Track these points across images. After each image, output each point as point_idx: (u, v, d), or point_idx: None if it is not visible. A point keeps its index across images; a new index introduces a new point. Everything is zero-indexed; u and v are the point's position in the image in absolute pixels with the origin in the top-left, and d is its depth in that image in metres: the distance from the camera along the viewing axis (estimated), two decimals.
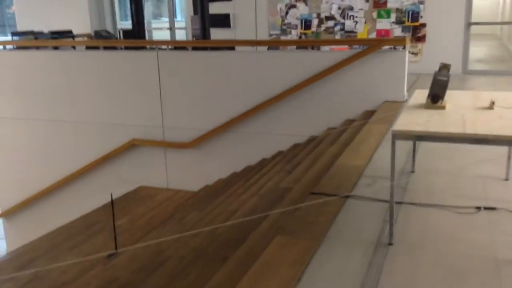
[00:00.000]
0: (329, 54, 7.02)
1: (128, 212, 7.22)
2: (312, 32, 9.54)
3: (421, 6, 8.79)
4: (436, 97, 3.31)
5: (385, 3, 8.95)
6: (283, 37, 9.75)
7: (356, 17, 9.21)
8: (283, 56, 7.42)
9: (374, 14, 9.09)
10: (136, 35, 8.22)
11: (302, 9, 9.52)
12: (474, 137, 2.70)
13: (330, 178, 4.16)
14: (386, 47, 7.09)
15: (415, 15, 8.84)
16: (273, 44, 8.77)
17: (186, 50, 7.73)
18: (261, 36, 9.91)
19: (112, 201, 5.51)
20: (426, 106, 3.34)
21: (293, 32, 9.67)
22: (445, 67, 3.39)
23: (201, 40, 7.84)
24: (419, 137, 2.83)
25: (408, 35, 8.98)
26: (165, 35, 11.03)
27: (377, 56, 6.76)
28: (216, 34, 9.91)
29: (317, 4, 9.40)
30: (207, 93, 7.58)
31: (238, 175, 7.07)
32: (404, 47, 6.83)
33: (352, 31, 9.29)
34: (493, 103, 3.31)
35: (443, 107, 3.30)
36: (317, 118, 7.17)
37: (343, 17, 9.30)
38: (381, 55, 6.75)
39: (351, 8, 9.20)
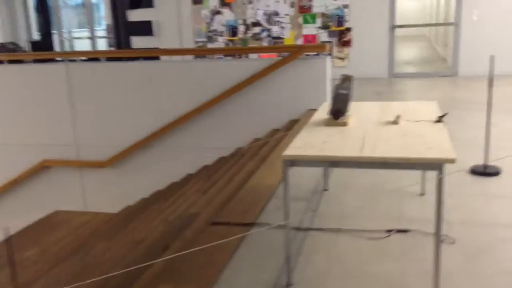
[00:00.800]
0: (252, 63, 6.67)
1: (39, 241, 6.58)
2: (239, 39, 9.18)
3: (346, 10, 8.61)
4: (337, 113, 2.98)
5: (310, 8, 8.70)
6: (209, 45, 9.34)
7: (283, 23, 8.92)
8: (204, 65, 7.00)
9: (300, 20, 8.83)
10: (45, 47, 7.57)
11: (227, 15, 9.14)
12: (371, 161, 2.37)
13: (238, 202, 3.78)
14: (310, 53, 6.81)
15: (340, 20, 8.64)
16: (184, 54, 8.29)
17: (99, 61, 7.17)
18: (187, 44, 9.46)
19: (9, 237, 4.90)
20: (327, 123, 3.00)
21: (220, 39, 9.28)
22: (347, 79, 3.07)
23: (113, 50, 7.30)
24: (313, 162, 2.48)
25: (334, 40, 8.78)
26: (86, 45, 10.39)
27: (299, 64, 6.47)
28: (139, 42, 9.38)
29: (242, 10, 9.05)
30: (124, 107, 7.04)
31: (161, 193, 6.58)
32: (328, 54, 6.57)
33: (279, 37, 9.00)
34: (398, 117, 3.02)
35: (345, 124, 2.97)
36: (243, 129, 6.80)
37: (269, 23, 8.99)
38: (303, 62, 6.46)
39: (277, 14, 8.91)
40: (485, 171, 4.06)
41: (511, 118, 5.72)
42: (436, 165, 2.29)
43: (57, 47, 10.21)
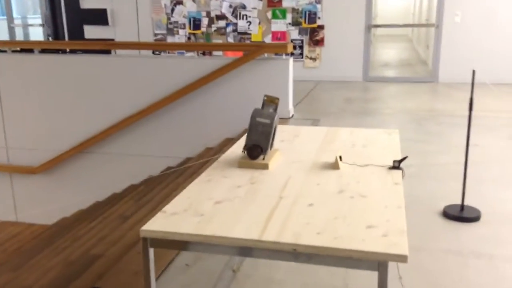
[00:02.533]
0: (207, 62, 5.74)
1: None
2: (202, 33, 8.21)
3: (319, 6, 7.67)
4: (253, 151, 2.07)
5: (280, 2, 7.76)
6: (170, 38, 8.35)
7: (250, 17, 7.96)
8: (153, 63, 6.02)
9: (269, 14, 7.88)
10: None
11: (189, 6, 8.16)
12: (276, 249, 1.46)
13: (138, 252, 2.87)
14: (271, 54, 5.89)
15: (312, 16, 7.71)
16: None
17: (32, 53, 6.16)
18: (145, 36, 8.46)
19: None
20: (240, 164, 2.10)
21: (181, 32, 8.30)
22: (271, 102, 2.16)
23: (48, 41, 6.30)
24: (184, 245, 1.56)
25: (305, 38, 7.85)
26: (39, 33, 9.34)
27: (257, 65, 5.55)
28: (92, 32, 8.37)
29: (206, 1, 8.07)
30: (59, 107, 6.07)
31: (86, 212, 5.64)
32: (291, 54, 5.65)
33: (245, 33, 8.04)
34: (339, 158, 2.12)
35: (265, 167, 2.07)
36: (193, 136, 5.88)
37: (236, 17, 8.03)
38: (262, 63, 5.54)
39: (244, 7, 7.95)
40: (461, 215, 3.19)
41: (495, 137, 4.86)
42: (375, 264, 1.40)
43: (5, 35, 9.16)
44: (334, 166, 2.09)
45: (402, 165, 2.09)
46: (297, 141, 2.51)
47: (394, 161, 2.08)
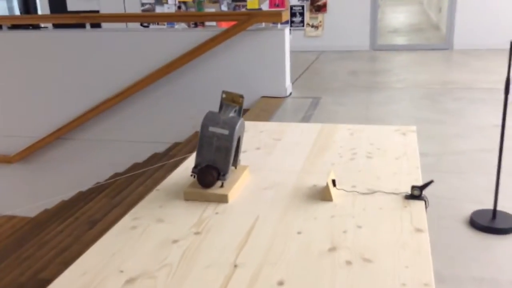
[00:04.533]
0: (192, 34, 4.98)
1: None
2: (193, 1, 7.39)
3: None
4: (207, 176, 1.38)
5: None
6: (158, 8, 7.55)
7: None
8: (136, 36, 5.26)
9: None
10: None
11: None
12: None
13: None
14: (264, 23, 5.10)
15: None
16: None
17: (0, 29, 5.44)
18: (131, 6, 7.67)
19: None
20: (186, 196, 1.41)
21: (170, 1, 7.49)
22: (232, 102, 1.45)
23: (18, 16, 5.56)
24: None
25: (306, 4, 7.01)
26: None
27: (249, 36, 4.79)
28: (76, 4, 7.59)
29: None
30: (34, 89, 5.38)
31: (67, 204, 5.03)
32: (286, 23, 4.88)
33: (241, 0, 7.22)
34: (332, 183, 1.42)
35: (223, 198, 1.38)
36: (180, 120, 5.19)
37: None
38: (254, 35, 4.78)
39: None
40: (493, 225, 2.49)
41: None
42: None
43: None
44: (325, 194, 1.40)
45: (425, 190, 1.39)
46: (278, 147, 1.81)
47: (414, 188, 1.38)
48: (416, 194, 1.38)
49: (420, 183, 1.48)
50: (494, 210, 2.54)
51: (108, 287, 1.04)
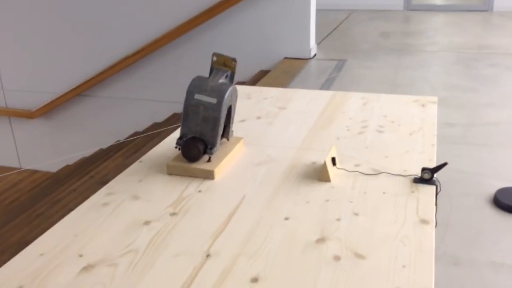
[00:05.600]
0: None
1: None
2: None
3: None
4: (192, 150, 1.25)
5: None
6: None
7: None
8: None
9: None
10: None
11: None
12: None
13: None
14: None
15: None
16: None
17: None
18: None
19: None
20: (169, 169, 1.28)
21: None
22: (223, 66, 1.28)
23: None
24: None
25: None
26: None
27: None
28: None
29: None
30: (55, 45, 5.30)
31: (87, 161, 5.02)
32: None
33: None
34: (332, 161, 1.26)
35: (209, 174, 1.24)
36: None
37: None
38: None
39: None
40: None
41: None
42: None
43: None
44: (322, 174, 1.24)
45: (438, 174, 1.22)
46: (281, 117, 1.64)
47: (424, 170, 1.21)
48: (427, 177, 1.20)
49: (434, 164, 1.30)
50: None
51: (61, 274, 0.92)
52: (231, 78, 1.29)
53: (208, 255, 0.97)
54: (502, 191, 2.40)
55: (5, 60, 5.49)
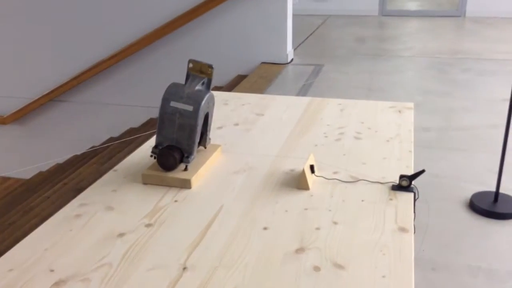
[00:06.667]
0: None
1: None
2: None
3: None
4: (168, 159, 1.22)
5: None
6: None
7: None
8: None
9: None
10: None
11: None
12: None
13: None
14: None
15: None
16: None
17: None
18: None
19: None
20: (144, 179, 1.25)
21: None
22: (199, 73, 1.26)
23: None
24: None
25: None
26: None
27: None
28: None
29: None
30: (27, 49, 5.19)
31: (61, 168, 4.91)
32: None
33: None
34: (310, 169, 1.25)
35: (186, 183, 1.22)
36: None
37: None
38: None
39: None
40: (494, 210, 2.32)
41: None
42: None
43: None
44: (301, 182, 1.22)
45: (415, 180, 1.21)
46: (259, 124, 1.63)
47: (402, 177, 1.20)
48: (405, 184, 1.20)
49: (411, 170, 1.30)
50: (497, 193, 2.37)
51: None
52: (207, 85, 1.27)
53: (184, 268, 0.94)
54: (477, 195, 2.43)
55: None
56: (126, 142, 4.78)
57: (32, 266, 0.96)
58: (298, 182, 1.24)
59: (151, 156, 1.25)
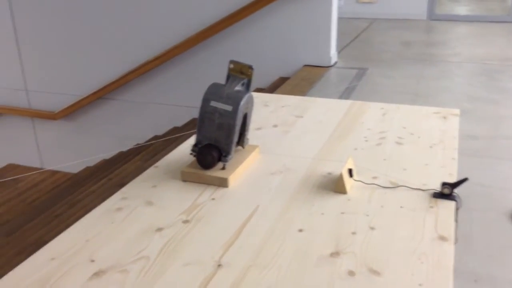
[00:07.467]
0: None
1: None
2: None
3: None
4: (206, 157, 1.23)
5: None
6: None
7: None
8: None
9: None
10: None
11: None
12: None
13: None
14: None
15: None
16: None
17: None
18: None
19: None
20: (183, 176, 1.27)
21: None
22: (240, 74, 1.27)
23: None
24: None
25: None
26: None
27: (293, 1, 4.52)
28: None
29: None
30: (78, 47, 5.38)
31: (107, 163, 5.06)
32: None
33: None
34: (349, 173, 1.23)
35: (223, 182, 1.23)
36: None
37: None
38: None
39: None
40: None
41: None
42: None
43: None
44: (338, 185, 1.21)
45: (458, 189, 1.18)
46: (298, 126, 1.62)
47: (444, 185, 1.17)
48: (446, 192, 1.16)
49: (454, 178, 1.27)
50: None
51: (72, 279, 0.92)
52: (247, 86, 1.28)
53: (219, 265, 0.95)
54: None
55: (29, 62, 5.59)
56: (169, 140, 4.86)
57: (73, 256, 0.99)
58: (335, 186, 1.23)
59: (191, 154, 1.27)
